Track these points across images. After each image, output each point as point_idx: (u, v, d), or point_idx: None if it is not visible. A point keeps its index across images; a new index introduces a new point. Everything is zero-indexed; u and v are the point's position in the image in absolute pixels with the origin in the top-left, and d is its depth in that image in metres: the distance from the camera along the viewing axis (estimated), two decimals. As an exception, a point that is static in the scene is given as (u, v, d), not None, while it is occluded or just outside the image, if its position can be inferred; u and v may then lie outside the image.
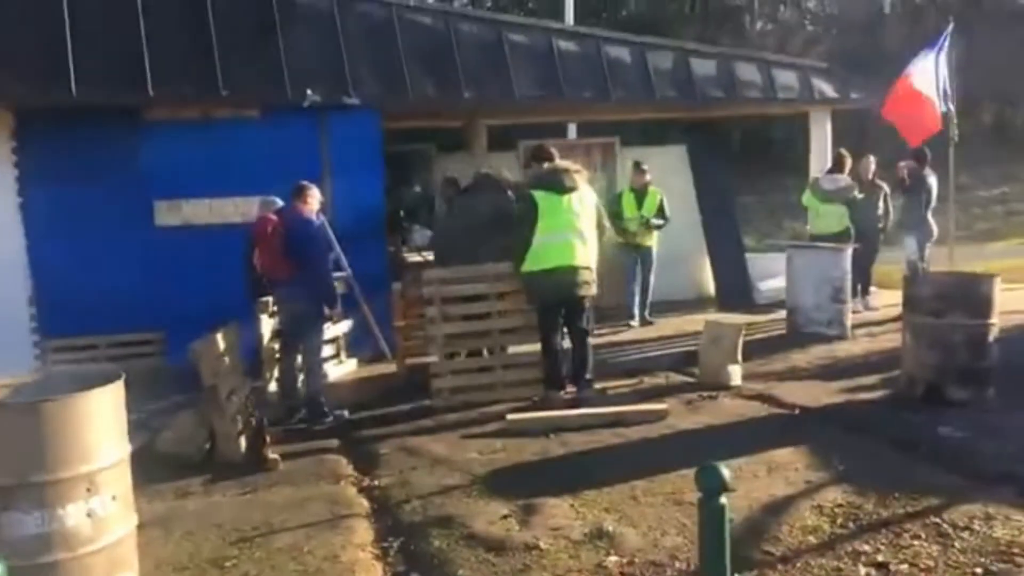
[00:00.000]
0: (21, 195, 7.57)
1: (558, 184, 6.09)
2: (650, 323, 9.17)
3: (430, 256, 7.68)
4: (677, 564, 3.70)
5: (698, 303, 10.22)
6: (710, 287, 10.71)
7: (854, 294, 9.29)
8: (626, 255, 9.22)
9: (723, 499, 2.29)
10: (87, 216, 7.62)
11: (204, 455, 5.24)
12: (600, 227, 6.33)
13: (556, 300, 6.19)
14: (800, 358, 7.50)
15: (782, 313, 8.77)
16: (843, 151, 9.46)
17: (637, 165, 9.31)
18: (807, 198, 9.31)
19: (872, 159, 9.49)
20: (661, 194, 9.17)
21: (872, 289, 9.74)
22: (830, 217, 9.05)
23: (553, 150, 6.58)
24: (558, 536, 3.97)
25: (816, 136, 10.70)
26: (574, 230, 6.08)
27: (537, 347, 6.36)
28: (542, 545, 3.88)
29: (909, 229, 9.32)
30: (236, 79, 7.79)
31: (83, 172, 7.59)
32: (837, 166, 9.29)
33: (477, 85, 8.66)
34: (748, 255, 10.76)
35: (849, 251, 8.30)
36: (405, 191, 10.26)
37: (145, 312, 7.66)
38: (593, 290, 6.22)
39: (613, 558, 3.75)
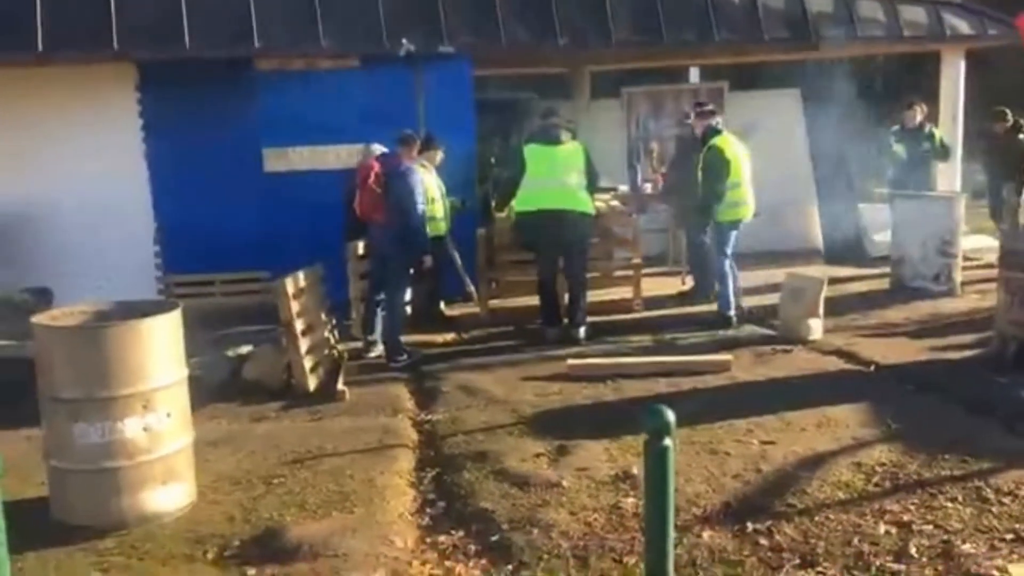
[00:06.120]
0: (146, 143, 8.24)
1: (547, 137, 6.61)
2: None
3: None
4: (694, 510, 3.72)
5: (804, 255, 9.80)
6: (819, 239, 10.26)
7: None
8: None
9: (667, 441, 2.32)
10: (204, 163, 8.18)
11: (283, 384, 5.67)
12: (590, 175, 6.58)
13: (541, 241, 6.58)
14: (896, 314, 7.14)
15: (892, 267, 8.32)
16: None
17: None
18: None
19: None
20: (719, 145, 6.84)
21: None
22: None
23: (558, 111, 7.12)
24: (583, 476, 4.08)
25: (947, 78, 9.92)
26: (561, 177, 6.45)
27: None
28: (565, 483, 4.00)
29: (1008, 178, 8.66)
30: (336, 30, 8.09)
31: (200, 121, 8.14)
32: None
33: (573, 31, 8.57)
34: (867, 205, 10.20)
35: (962, 201, 7.75)
36: (500, 141, 10.31)
37: (254, 252, 8.18)
38: (580, 234, 6.53)
39: (630, 499, 3.82)
